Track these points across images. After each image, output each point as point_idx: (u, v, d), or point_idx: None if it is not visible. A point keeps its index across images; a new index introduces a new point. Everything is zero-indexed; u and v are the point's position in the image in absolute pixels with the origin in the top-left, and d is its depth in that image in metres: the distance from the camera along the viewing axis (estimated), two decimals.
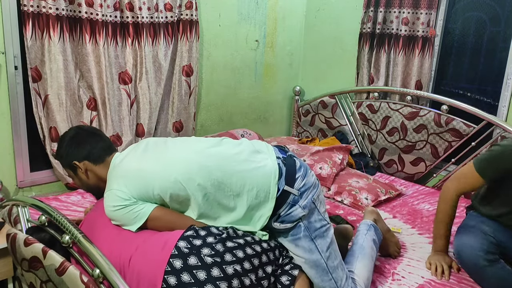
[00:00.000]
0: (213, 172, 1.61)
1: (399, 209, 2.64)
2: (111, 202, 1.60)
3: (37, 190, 2.65)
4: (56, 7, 2.41)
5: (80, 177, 1.79)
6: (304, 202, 1.65)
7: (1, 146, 2.46)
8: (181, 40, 2.95)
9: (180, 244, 1.46)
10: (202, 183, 1.59)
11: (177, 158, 1.66)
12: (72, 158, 1.75)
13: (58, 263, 1.44)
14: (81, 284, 1.36)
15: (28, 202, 1.73)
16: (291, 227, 1.64)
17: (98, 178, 1.77)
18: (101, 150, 1.77)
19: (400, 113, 3.11)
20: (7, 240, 1.72)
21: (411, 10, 3.04)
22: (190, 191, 1.59)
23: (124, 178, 1.63)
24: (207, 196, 1.61)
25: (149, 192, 1.60)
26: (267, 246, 1.57)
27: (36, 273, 1.57)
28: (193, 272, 1.39)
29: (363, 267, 1.81)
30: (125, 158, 1.71)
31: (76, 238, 1.44)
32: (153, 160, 1.66)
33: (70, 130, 1.85)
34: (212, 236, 1.51)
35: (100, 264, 1.35)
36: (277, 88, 3.77)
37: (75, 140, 1.78)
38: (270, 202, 1.62)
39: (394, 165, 3.19)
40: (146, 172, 1.62)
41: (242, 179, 1.62)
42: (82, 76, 2.63)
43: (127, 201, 1.58)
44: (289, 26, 3.69)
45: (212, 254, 1.44)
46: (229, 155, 1.68)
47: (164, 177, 1.60)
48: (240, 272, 1.43)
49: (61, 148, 1.79)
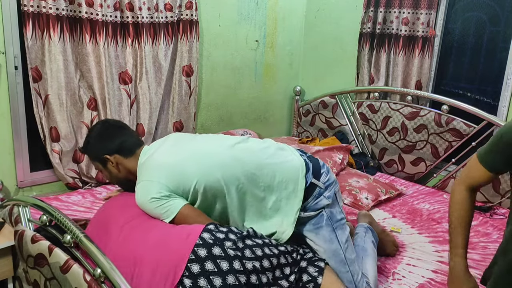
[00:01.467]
0: (246, 164, 1.69)
1: (399, 208, 2.64)
2: (146, 193, 1.62)
3: (37, 190, 2.65)
4: (56, 7, 2.41)
5: (110, 170, 1.80)
6: (328, 194, 1.76)
7: (1, 146, 2.46)
8: (181, 40, 2.95)
9: (204, 235, 1.48)
10: (237, 175, 1.67)
11: (212, 151, 1.73)
12: (102, 151, 1.77)
13: (63, 261, 1.45)
14: (84, 283, 1.37)
15: (29, 202, 1.73)
16: (314, 215, 1.73)
17: (128, 171, 1.79)
18: (131, 144, 1.81)
19: (401, 113, 3.11)
20: (15, 237, 1.74)
21: (411, 10, 3.04)
22: (224, 182, 1.66)
23: (160, 169, 1.66)
24: (240, 187, 1.68)
25: (185, 185, 1.64)
26: (284, 249, 1.59)
27: (41, 271, 1.58)
28: (217, 262, 1.41)
29: (370, 268, 1.83)
30: (157, 151, 1.74)
31: (77, 237, 1.44)
32: (189, 154, 1.71)
33: (97, 124, 1.88)
34: (232, 233, 1.54)
35: (101, 264, 1.35)
36: (277, 88, 3.77)
37: (105, 134, 1.80)
38: (299, 193, 1.70)
39: (395, 165, 3.19)
40: (182, 165, 1.67)
41: (272, 171, 1.70)
42: (82, 76, 2.63)
43: (162, 194, 1.61)
44: (289, 26, 3.69)
45: (234, 247, 1.47)
46: (258, 149, 1.77)
47: (201, 170, 1.66)
48: (258, 269, 1.45)
49: (90, 142, 1.80)
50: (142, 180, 1.68)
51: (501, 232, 2.37)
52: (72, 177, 2.66)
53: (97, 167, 1.86)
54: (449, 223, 1.55)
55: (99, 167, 1.84)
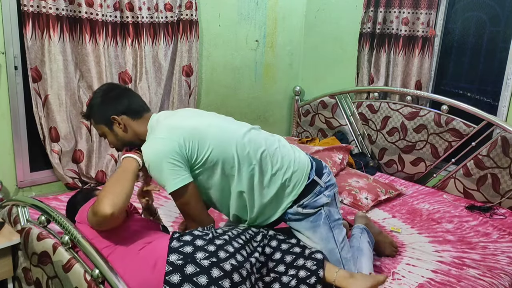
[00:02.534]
0: (260, 148, 1.71)
1: (399, 208, 2.64)
2: (162, 151, 1.57)
3: (37, 190, 2.65)
4: (56, 7, 2.41)
5: (116, 133, 1.74)
6: (328, 193, 1.78)
7: (1, 146, 2.46)
8: (181, 40, 2.95)
9: (172, 259, 1.41)
10: (250, 156, 1.68)
11: (230, 128, 1.74)
12: (110, 112, 1.71)
13: (66, 260, 1.46)
14: (84, 283, 1.37)
15: (28, 202, 1.74)
16: (313, 213, 1.74)
17: (135, 134, 1.74)
18: (138, 106, 1.77)
19: (400, 113, 3.11)
20: (21, 234, 1.74)
21: (411, 10, 3.04)
22: (240, 158, 1.67)
23: (179, 130, 1.63)
24: (251, 168, 1.69)
25: (200, 151, 1.62)
26: (245, 238, 1.57)
27: (44, 269, 1.60)
28: (193, 280, 1.36)
29: (366, 267, 1.83)
30: (174, 116, 1.73)
31: (75, 238, 1.44)
32: (207, 124, 1.70)
33: (102, 87, 1.84)
34: (199, 239, 1.49)
35: (99, 265, 1.35)
36: (277, 88, 3.77)
37: (111, 95, 1.75)
38: (299, 188, 1.74)
39: (394, 165, 3.19)
40: (201, 131, 1.65)
41: (281, 160, 1.74)
42: (82, 76, 2.63)
43: (177, 159, 1.57)
44: (289, 26, 3.68)
45: (206, 256, 1.42)
46: (270, 139, 1.80)
47: (218, 142, 1.66)
48: (236, 266, 1.42)
49: (96, 104, 1.74)
50: (157, 137, 1.62)
51: (501, 232, 2.37)
52: (72, 177, 2.66)
53: (101, 131, 1.78)
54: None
55: (104, 131, 1.76)
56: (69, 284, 1.46)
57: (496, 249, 2.19)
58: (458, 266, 2.01)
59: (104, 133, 1.77)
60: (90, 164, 2.72)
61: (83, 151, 2.68)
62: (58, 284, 1.52)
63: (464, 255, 2.12)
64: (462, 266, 2.01)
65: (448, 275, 1.94)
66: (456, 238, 2.29)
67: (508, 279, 1.96)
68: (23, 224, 1.82)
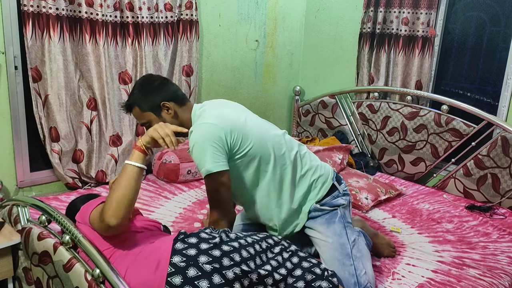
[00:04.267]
0: (294, 148, 1.84)
1: (399, 208, 2.64)
2: (210, 134, 1.64)
3: (37, 190, 2.65)
4: (56, 7, 2.41)
5: (164, 119, 1.77)
6: (345, 197, 1.89)
7: (1, 146, 2.46)
8: (181, 40, 2.95)
9: (175, 260, 1.41)
10: (287, 154, 1.80)
11: (269, 128, 1.85)
12: (160, 98, 1.76)
13: (66, 259, 1.46)
14: (85, 282, 1.38)
15: (28, 202, 1.74)
16: (329, 210, 1.83)
17: (181, 122, 1.79)
18: (182, 94, 1.85)
19: (400, 113, 3.11)
20: (21, 234, 1.74)
21: (411, 10, 3.04)
22: (276, 157, 1.77)
23: (226, 120, 1.70)
24: (284, 167, 1.79)
25: (242, 144, 1.70)
26: (259, 248, 1.54)
27: (44, 268, 1.60)
28: (194, 284, 1.36)
29: (368, 268, 1.82)
30: (219, 106, 1.81)
31: (76, 238, 1.44)
32: (249, 119, 1.80)
33: (143, 76, 1.90)
34: (205, 242, 1.48)
35: (100, 264, 1.35)
36: (277, 88, 3.77)
37: (157, 83, 1.81)
38: (324, 189, 1.85)
39: (394, 165, 3.19)
40: (245, 125, 1.74)
41: (310, 163, 1.87)
42: (82, 76, 2.63)
43: (224, 144, 1.64)
44: (289, 26, 3.69)
45: (210, 261, 1.41)
46: (299, 144, 1.93)
47: (259, 138, 1.75)
48: (239, 275, 1.40)
49: (143, 91, 1.78)
50: (207, 122, 1.68)
51: (501, 232, 2.37)
52: (72, 177, 2.66)
53: (147, 119, 1.78)
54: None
55: (151, 118, 1.77)
56: (70, 284, 1.46)
57: (496, 249, 2.19)
58: (458, 266, 2.02)
59: (150, 121, 1.79)
60: (90, 164, 2.72)
61: (83, 151, 2.68)
62: (59, 284, 1.53)
63: (464, 255, 2.12)
64: (462, 266, 2.01)
65: (448, 275, 1.94)
66: (456, 238, 2.29)
67: (508, 279, 1.96)
68: (24, 224, 1.82)
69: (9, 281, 1.90)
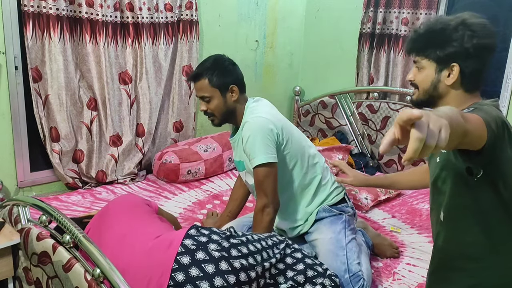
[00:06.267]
0: (322, 160, 1.98)
1: (398, 208, 2.64)
2: (267, 125, 1.74)
3: (37, 190, 2.65)
4: (56, 7, 2.42)
5: (226, 100, 1.82)
6: (352, 209, 1.99)
7: (1, 146, 2.46)
8: (181, 40, 2.95)
9: (186, 242, 1.47)
10: (318, 165, 1.92)
11: (303, 136, 1.98)
12: (231, 79, 1.82)
13: (66, 260, 1.46)
14: (85, 282, 1.38)
15: (29, 202, 1.73)
16: (336, 213, 1.90)
17: (237, 108, 1.85)
18: (245, 83, 1.91)
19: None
20: (21, 234, 1.74)
21: (410, 11, 3.04)
22: (310, 165, 1.89)
23: (279, 120, 1.82)
24: (314, 175, 1.91)
25: (288, 146, 1.82)
26: (265, 244, 1.59)
27: (44, 269, 1.59)
28: (201, 266, 1.40)
29: (364, 262, 1.85)
30: (269, 106, 1.90)
31: (76, 237, 1.44)
32: (292, 125, 1.95)
33: (218, 54, 1.93)
34: (215, 234, 1.53)
35: (100, 264, 1.35)
36: (277, 88, 3.77)
37: (232, 66, 1.87)
38: (335, 199, 1.95)
39: (394, 165, 3.20)
40: (292, 131, 1.87)
41: (331, 176, 1.98)
42: (82, 76, 2.63)
43: (275, 139, 1.76)
44: (289, 26, 3.69)
45: (219, 249, 1.46)
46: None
47: (300, 144, 1.88)
48: (246, 266, 1.45)
49: (221, 67, 1.82)
50: (263, 116, 1.77)
51: None
52: (72, 177, 2.66)
53: (210, 94, 1.81)
54: None
55: (215, 95, 1.81)
56: (70, 284, 1.46)
57: None
58: None
59: (211, 97, 1.82)
60: (91, 164, 2.72)
61: (84, 151, 2.69)
62: (58, 284, 1.52)
63: None
64: None
65: None
66: None
67: None
68: (24, 224, 1.82)
69: (9, 281, 1.90)
